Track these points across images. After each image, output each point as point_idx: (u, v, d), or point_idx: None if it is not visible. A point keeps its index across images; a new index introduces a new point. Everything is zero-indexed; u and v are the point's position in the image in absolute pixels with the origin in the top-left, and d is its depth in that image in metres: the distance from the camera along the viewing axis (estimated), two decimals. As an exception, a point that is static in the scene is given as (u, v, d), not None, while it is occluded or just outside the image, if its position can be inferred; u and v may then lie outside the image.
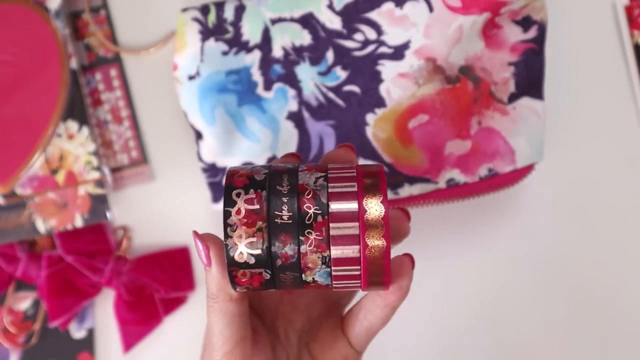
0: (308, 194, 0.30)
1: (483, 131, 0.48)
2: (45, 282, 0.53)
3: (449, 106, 0.47)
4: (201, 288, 0.55)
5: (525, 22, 0.47)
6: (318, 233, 0.29)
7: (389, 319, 0.35)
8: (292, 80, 0.49)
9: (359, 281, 0.30)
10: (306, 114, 0.49)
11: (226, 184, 0.31)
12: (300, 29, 0.48)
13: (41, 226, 0.53)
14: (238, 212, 0.30)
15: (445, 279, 0.54)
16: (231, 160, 0.50)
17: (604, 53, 0.53)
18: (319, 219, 0.29)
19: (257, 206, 0.30)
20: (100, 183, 0.53)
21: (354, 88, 0.48)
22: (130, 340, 0.54)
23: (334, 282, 0.30)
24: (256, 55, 0.49)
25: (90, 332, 0.55)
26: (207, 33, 0.49)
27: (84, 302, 0.54)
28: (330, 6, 0.47)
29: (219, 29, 0.49)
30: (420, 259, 0.53)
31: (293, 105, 0.49)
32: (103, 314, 0.55)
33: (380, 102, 0.48)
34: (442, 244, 0.53)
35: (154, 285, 0.53)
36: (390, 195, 0.49)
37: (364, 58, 0.48)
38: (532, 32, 0.47)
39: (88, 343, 0.55)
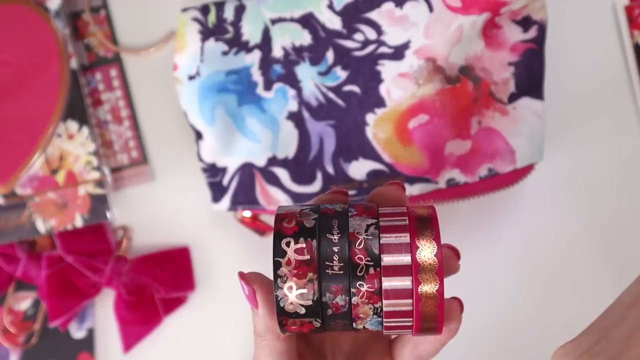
0: (359, 244, 0.29)
1: (483, 131, 0.48)
2: (45, 282, 0.53)
3: (449, 106, 0.47)
4: (201, 288, 0.55)
5: (525, 22, 0.47)
6: (370, 285, 0.29)
7: (438, 352, 0.35)
8: (292, 80, 0.49)
9: (410, 330, 0.30)
10: (306, 114, 0.49)
11: (275, 231, 0.30)
12: (301, 29, 0.48)
13: (41, 226, 0.53)
14: (288, 262, 0.29)
15: (445, 278, 0.54)
16: (231, 160, 0.50)
17: (604, 53, 0.53)
18: (371, 270, 0.29)
19: (308, 256, 0.29)
20: (100, 183, 0.53)
21: (354, 88, 0.48)
22: (130, 340, 0.54)
23: (385, 330, 0.30)
24: (256, 55, 0.49)
25: (90, 332, 0.55)
26: (207, 33, 0.49)
27: (84, 302, 0.54)
28: (331, 6, 0.47)
29: (219, 29, 0.49)
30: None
31: (293, 105, 0.49)
32: (103, 314, 0.55)
33: (380, 102, 0.48)
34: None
35: (154, 285, 0.53)
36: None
37: (364, 58, 0.48)
38: (532, 32, 0.47)
39: (88, 343, 0.55)
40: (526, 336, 0.53)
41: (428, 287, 0.29)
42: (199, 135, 0.50)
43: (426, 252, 0.29)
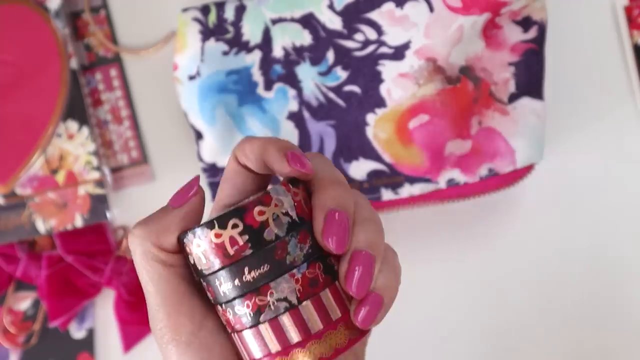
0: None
1: (483, 131, 0.48)
2: (45, 282, 0.53)
3: (450, 106, 0.47)
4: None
5: (525, 23, 0.47)
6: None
7: None
8: (292, 81, 0.49)
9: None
10: (306, 114, 0.49)
11: (246, 205, 0.27)
12: (301, 29, 0.48)
13: (41, 226, 0.53)
14: (218, 235, 0.27)
15: (445, 278, 0.54)
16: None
17: (603, 53, 0.54)
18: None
19: (232, 251, 0.27)
20: (100, 183, 0.52)
21: (355, 88, 0.48)
22: (130, 340, 0.54)
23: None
24: (256, 55, 0.49)
25: (90, 332, 0.55)
26: (207, 33, 0.49)
27: (84, 302, 0.54)
28: (331, 6, 0.47)
29: (219, 29, 0.49)
30: (420, 259, 0.53)
31: (293, 105, 0.49)
32: (103, 314, 0.55)
33: (380, 102, 0.48)
34: (442, 244, 0.53)
35: (154, 285, 0.53)
36: (390, 195, 0.49)
37: (365, 58, 0.48)
38: (532, 33, 0.47)
39: (88, 343, 0.55)
40: (526, 336, 0.53)
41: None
42: (199, 135, 0.50)
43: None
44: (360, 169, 0.49)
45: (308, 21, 0.48)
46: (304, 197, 0.29)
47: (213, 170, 0.50)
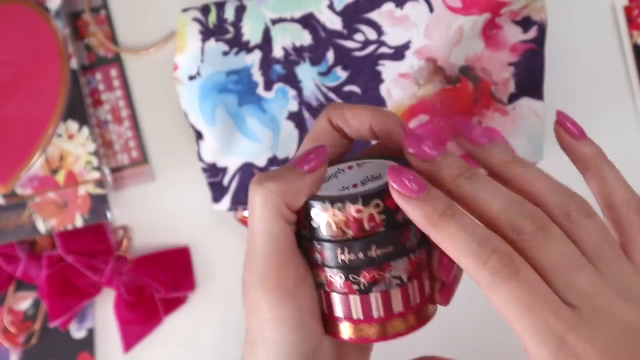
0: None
1: (483, 131, 0.48)
2: (45, 282, 0.53)
3: (449, 106, 0.47)
4: (201, 288, 0.55)
5: (525, 23, 0.47)
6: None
7: None
8: (292, 81, 0.49)
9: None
10: (306, 114, 0.49)
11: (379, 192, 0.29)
12: (301, 29, 0.48)
13: (41, 226, 0.53)
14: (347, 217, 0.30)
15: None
16: (232, 160, 0.50)
17: (603, 53, 0.54)
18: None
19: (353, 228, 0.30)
20: (100, 183, 0.53)
21: (355, 88, 0.48)
22: (130, 340, 0.54)
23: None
24: (257, 55, 0.49)
25: (90, 332, 0.55)
26: (207, 33, 0.49)
27: (84, 302, 0.54)
28: (331, 6, 0.47)
29: (219, 29, 0.49)
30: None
31: (293, 105, 0.49)
32: (103, 314, 0.55)
33: (380, 102, 0.48)
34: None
35: (154, 285, 0.53)
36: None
37: (365, 58, 0.48)
38: (532, 33, 0.47)
39: (88, 343, 0.55)
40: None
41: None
42: (199, 135, 0.50)
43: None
44: (360, 169, 0.49)
45: (308, 21, 0.48)
46: None
47: (213, 170, 0.50)
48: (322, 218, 0.30)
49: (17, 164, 0.52)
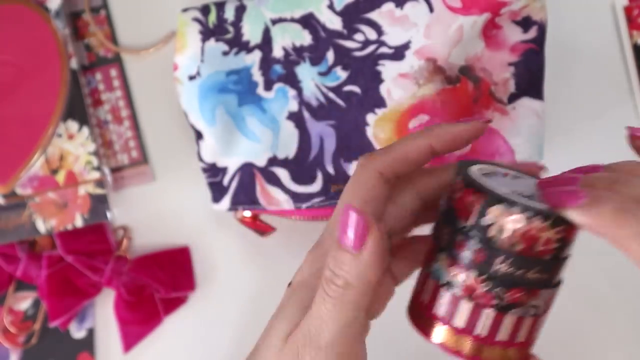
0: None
1: (483, 131, 0.48)
2: (45, 282, 0.53)
3: (449, 106, 0.47)
4: (201, 288, 0.55)
5: (525, 23, 0.47)
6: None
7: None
8: (292, 81, 0.49)
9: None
10: (306, 114, 0.49)
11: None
12: (301, 29, 0.48)
13: (41, 226, 0.53)
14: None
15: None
16: (232, 160, 0.50)
17: (603, 53, 0.54)
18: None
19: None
20: (100, 183, 0.53)
21: (355, 88, 0.48)
22: (130, 340, 0.54)
23: None
24: (256, 55, 0.49)
25: (90, 332, 0.55)
26: (207, 33, 0.49)
27: (84, 302, 0.54)
28: (331, 6, 0.47)
29: (219, 29, 0.49)
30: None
31: (293, 106, 0.49)
32: (103, 314, 0.55)
33: (380, 103, 0.48)
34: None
35: (154, 285, 0.53)
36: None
37: (365, 58, 0.48)
38: (532, 33, 0.47)
39: (88, 343, 0.55)
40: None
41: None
42: (199, 135, 0.50)
43: None
44: (360, 169, 0.49)
45: (308, 21, 0.48)
46: None
47: (213, 170, 0.50)
48: (502, 220, 0.28)
49: (17, 164, 0.52)
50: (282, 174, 0.49)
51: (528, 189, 0.30)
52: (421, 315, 0.30)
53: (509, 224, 0.27)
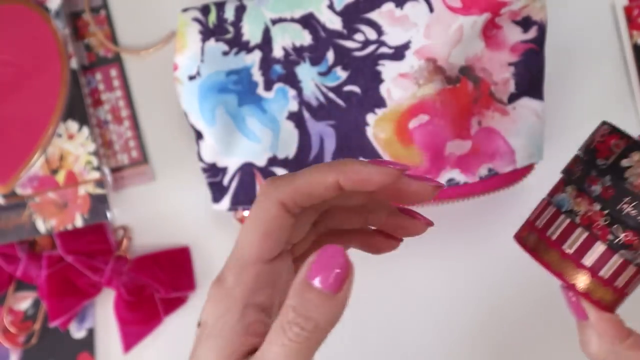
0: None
1: (483, 131, 0.48)
2: (45, 282, 0.53)
3: (449, 106, 0.47)
4: (201, 288, 0.55)
5: (525, 23, 0.47)
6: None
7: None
8: (292, 81, 0.49)
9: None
10: (306, 114, 0.49)
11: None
12: (301, 29, 0.48)
13: (41, 226, 0.53)
14: None
15: (446, 278, 0.54)
16: (232, 160, 0.50)
17: (603, 53, 0.54)
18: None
19: None
20: (100, 183, 0.53)
21: (355, 88, 0.48)
22: (130, 340, 0.54)
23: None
24: (256, 55, 0.49)
25: (90, 332, 0.55)
26: (207, 33, 0.49)
27: (84, 302, 0.54)
28: (331, 6, 0.47)
29: (219, 29, 0.49)
30: (420, 259, 0.53)
31: (293, 106, 0.49)
32: (103, 314, 0.55)
33: (380, 102, 0.48)
34: (442, 244, 0.54)
35: (154, 285, 0.53)
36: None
37: (365, 58, 0.48)
38: (532, 33, 0.47)
39: (88, 343, 0.55)
40: (527, 335, 0.53)
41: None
42: (199, 135, 0.50)
43: None
44: (360, 169, 0.49)
45: (308, 21, 0.48)
46: None
47: (213, 170, 0.50)
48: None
49: (17, 164, 0.52)
50: (282, 174, 0.49)
51: None
52: (531, 237, 0.33)
53: None
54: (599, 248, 0.31)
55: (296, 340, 0.26)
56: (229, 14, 0.49)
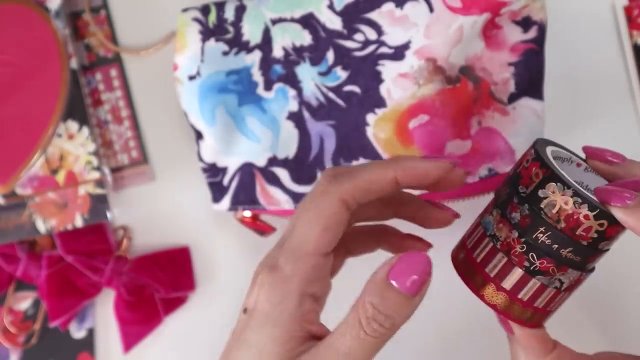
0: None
1: (483, 131, 0.48)
2: (45, 282, 0.53)
3: (449, 106, 0.47)
4: (201, 288, 0.55)
5: (525, 23, 0.47)
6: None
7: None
8: (292, 81, 0.49)
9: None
10: (306, 114, 0.49)
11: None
12: (301, 29, 0.48)
13: (41, 226, 0.53)
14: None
15: (445, 279, 0.54)
16: (232, 160, 0.50)
17: (603, 53, 0.54)
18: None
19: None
20: (100, 183, 0.53)
21: (355, 88, 0.48)
22: (130, 340, 0.54)
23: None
24: (256, 55, 0.49)
25: (90, 332, 0.55)
26: (207, 33, 0.49)
27: (84, 302, 0.54)
28: (331, 6, 0.47)
29: (219, 29, 0.49)
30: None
31: (293, 106, 0.49)
32: (103, 314, 0.55)
33: (380, 102, 0.48)
34: (442, 244, 0.53)
35: (154, 285, 0.53)
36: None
37: (365, 58, 0.48)
38: (532, 33, 0.47)
39: (88, 343, 0.55)
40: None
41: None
42: (199, 135, 0.50)
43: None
44: (360, 169, 0.49)
45: (308, 21, 0.48)
46: None
47: (213, 170, 0.50)
48: (555, 197, 0.31)
49: (17, 164, 0.52)
50: (282, 174, 0.49)
51: (592, 183, 0.34)
52: (462, 256, 0.35)
53: (559, 202, 0.31)
54: (516, 272, 0.32)
55: (373, 335, 0.28)
56: (229, 14, 0.49)
